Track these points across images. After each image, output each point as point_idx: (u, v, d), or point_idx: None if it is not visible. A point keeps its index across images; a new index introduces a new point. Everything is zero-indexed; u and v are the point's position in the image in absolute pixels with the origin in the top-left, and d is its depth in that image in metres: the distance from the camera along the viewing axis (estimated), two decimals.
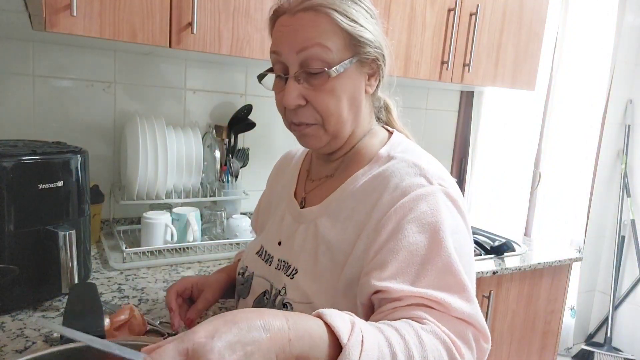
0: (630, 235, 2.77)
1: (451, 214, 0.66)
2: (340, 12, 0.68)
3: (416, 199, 0.65)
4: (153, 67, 1.51)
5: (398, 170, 0.69)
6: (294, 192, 0.84)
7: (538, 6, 1.80)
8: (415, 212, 0.64)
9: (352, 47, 0.69)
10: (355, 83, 0.72)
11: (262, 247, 0.85)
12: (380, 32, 0.73)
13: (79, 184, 1.03)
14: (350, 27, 0.68)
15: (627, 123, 2.76)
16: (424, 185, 0.67)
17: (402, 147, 0.75)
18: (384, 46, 0.73)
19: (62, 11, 1.02)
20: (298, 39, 0.68)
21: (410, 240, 0.63)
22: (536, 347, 1.72)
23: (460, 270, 0.62)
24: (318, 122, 0.72)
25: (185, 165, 1.42)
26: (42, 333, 0.88)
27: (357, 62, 0.70)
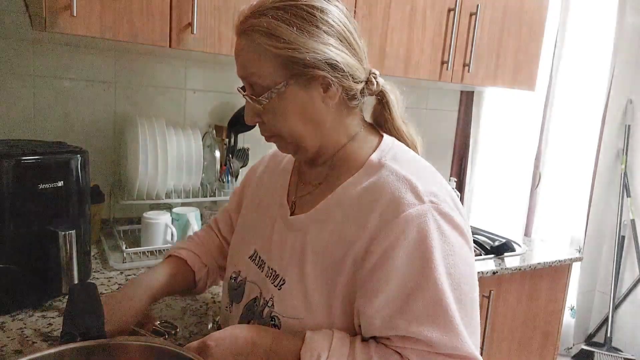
0: (630, 235, 2.77)
1: (443, 235, 0.64)
2: (266, 33, 0.65)
3: (406, 223, 0.63)
4: (153, 67, 1.51)
5: (388, 185, 0.67)
6: (287, 194, 0.82)
7: (538, 6, 1.80)
8: (406, 239, 0.63)
9: (287, 67, 0.67)
10: (302, 100, 0.69)
11: (255, 251, 0.82)
12: (331, 42, 0.67)
13: (79, 184, 1.03)
14: (277, 49, 0.65)
15: (627, 123, 2.76)
16: (414, 204, 0.64)
17: (392, 153, 0.73)
18: (336, 57, 0.67)
19: (62, 11, 1.02)
20: (239, 65, 0.71)
21: (400, 270, 0.63)
22: (536, 347, 1.72)
23: (449, 302, 0.62)
24: (277, 134, 0.73)
25: (185, 165, 1.42)
26: (42, 333, 0.88)
27: (297, 82, 0.67)
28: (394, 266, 0.63)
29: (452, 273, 0.63)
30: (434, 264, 0.62)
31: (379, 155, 0.72)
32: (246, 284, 0.81)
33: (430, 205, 0.64)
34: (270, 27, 0.65)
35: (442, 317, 0.62)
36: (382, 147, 0.74)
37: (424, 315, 0.62)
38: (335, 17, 0.69)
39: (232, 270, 0.86)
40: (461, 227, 0.67)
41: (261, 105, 0.70)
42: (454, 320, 0.62)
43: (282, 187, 0.84)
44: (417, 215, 0.63)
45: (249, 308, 0.78)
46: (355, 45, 0.71)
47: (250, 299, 0.78)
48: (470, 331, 0.64)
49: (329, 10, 0.68)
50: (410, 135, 0.80)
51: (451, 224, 0.65)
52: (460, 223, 0.67)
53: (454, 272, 0.63)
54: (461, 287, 0.64)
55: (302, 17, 0.66)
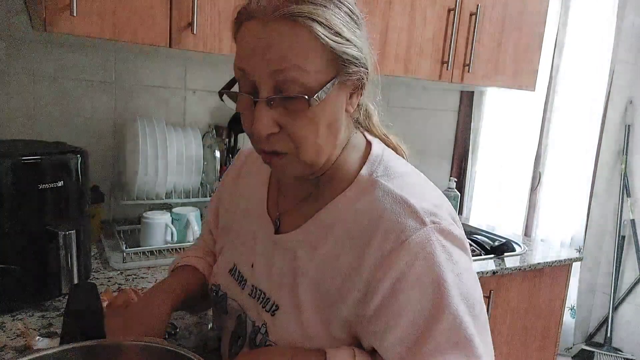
0: (630, 235, 2.77)
1: (450, 257, 0.60)
2: (324, 23, 0.56)
3: (409, 251, 0.58)
4: (153, 67, 1.51)
5: (385, 210, 0.61)
6: (266, 205, 0.76)
7: (538, 6, 1.80)
8: (414, 270, 0.58)
9: (335, 66, 0.59)
10: (336, 105, 0.62)
11: (234, 265, 0.77)
12: (365, 42, 0.63)
13: (79, 184, 1.03)
14: (334, 42, 0.57)
15: (627, 123, 2.76)
16: (417, 229, 0.59)
17: (383, 166, 0.67)
18: (369, 58, 0.63)
19: (62, 11, 1.02)
20: (272, 57, 0.56)
21: (412, 303, 0.58)
22: (536, 347, 1.72)
23: (467, 325, 0.58)
24: (291, 151, 0.61)
25: (185, 165, 1.42)
26: (42, 333, 0.88)
27: (338, 83, 0.60)
28: (405, 301, 0.58)
29: (465, 293, 0.60)
30: (447, 290, 0.58)
31: (369, 170, 0.66)
32: (227, 300, 0.77)
33: (432, 227, 0.60)
34: (325, 17, 0.56)
35: (463, 341, 0.58)
36: (371, 158, 0.68)
37: (445, 343, 0.58)
38: (360, 13, 0.63)
39: (212, 282, 0.81)
40: (462, 240, 0.63)
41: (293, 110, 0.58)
42: (474, 342, 0.59)
43: (260, 199, 0.77)
44: (421, 241, 0.59)
45: (239, 324, 0.75)
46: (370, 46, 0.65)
47: (235, 317, 0.76)
48: (486, 347, 0.62)
49: (355, 7, 0.62)
50: (394, 141, 0.76)
51: (453, 241, 0.62)
52: (460, 236, 0.64)
53: (466, 291, 0.60)
54: (475, 304, 0.61)
55: (350, 11, 0.60)
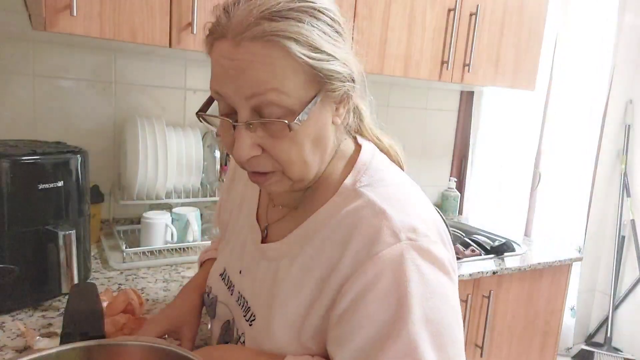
0: (630, 235, 2.77)
1: (422, 277, 0.56)
2: (300, 41, 0.53)
3: (379, 265, 0.56)
4: (153, 67, 1.51)
5: (363, 221, 0.59)
6: (256, 213, 0.75)
7: (538, 6, 1.80)
8: (380, 284, 0.56)
9: (316, 83, 0.56)
10: (321, 121, 0.59)
11: (225, 270, 0.78)
12: (348, 50, 0.60)
13: (78, 184, 1.03)
14: (312, 60, 0.54)
15: (627, 123, 2.76)
16: (390, 243, 0.56)
17: (368, 176, 0.64)
18: (354, 66, 0.60)
19: (62, 11, 1.02)
20: (247, 81, 0.54)
21: (372, 317, 0.56)
22: (536, 347, 1.72)
23: (423, 352, 0.54)
24: (277, 169, 0.60)
25: (185, 165, 1.42)
26: (42, 333, 0.88)
27: (321, 99, 0.58)
28: (366, 313, 0.56)
29: (432, 319, 0.55)
30: (410, 311, 0.54)
31: (353, 179, 0.64)
32: (218, 304, 0.78)
33: (408, 243, 0.57)
34: (302, 34, 0.53)
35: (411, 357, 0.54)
36: (357, 167, 0.65)
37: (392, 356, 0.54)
38: (342, 20, 0.60)
39: (207, 286, 0.83)
40: (442, 262, 0.59)
41: (276, 132, 0.57)
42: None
43: (251, 207, 0.77)
44: (392, 256, 0.56)
45: (225, 329, 0.75)
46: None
47: (224, 321, 0.75)
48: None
49: (336, 11, 0.59)
50: (386, 142, 0.72)
51: (431, 261, 0.58)
52: (443, 257, 0.59)
53: (434, 317, 0.56)
54: (442, 332, 0.56)
55: (330, 19, 0.57)
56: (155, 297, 1.08)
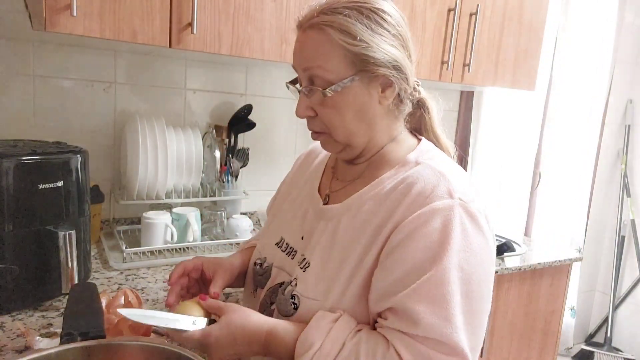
0: (630, 235, 2.77)
1: (465, 232, 0.65)
2: (342, 30, 0.68)
3: (432, 212, 0.66)
4: (153, 67, 1.51)
5: (423, 177, 0.69)
6: (318, 188, 0.85)
7: (538, 6, 1.80)
8: (428, 227, 0.65)
9: (355, 64, 0.70)
10: (362, 98, 0.72)
11: (282, 239, 0.85)
12: (395, 44, 0.72)
13: (79, 184, 1.03)
14: (350, 46, 0.69)
15: (627, 123, 2.76)
16: (444, 197, 0.67)
17: (430, 154, 0.75)
18: (400, 58, 0.72)
19: (62, 11, 1.02)
20: (303, 57, 0.73)
21: (416, 253, 0.65)
22: (536, 347, 1.72)
23: (452, 290, 0.63)
24: (325, 131, 0.75)
25: (185, 165, 1.42)
26: (42, 333, 0.88)
27: (362, 79, 0.71)
28: (410, 250, 0.65)
29: (465, 267, 0.64)
30: (448, 252, 0.63)
31: (416, 155, 0.75)
32: (272, 270, 0.83)
33: (459, 202, 0.66)
34: (344, 25, 0.69)
35: (440, 301, 0.62)
36: (420, 148, 0.77)
37: (424, 294, 0.63)
38: (398, 23, 0.73)
39: (256, 257, 0.88)
40: (485, 231, 0.68)
41: (321, 99, 0.72)
42: (452, 309, 0.62)
43: (313, 182, 0.87)
44: (444, 207, 0.66)
45: (273, 291, 0.79)
46: (411, 50, 0.75)
47: (275, 284, 0.80)
48: (470, 330, 0.64)
49: (393, 14, 0.72)
50: (445, 142, 0.82)
51: (476, 224, 0.67)
52: (485, 227, 0.68)
53: (467, 267, 0.64)
54: (471, 283, 0.65)
55: (373, 19, 0.70)
56: (156, 297, 1.08)
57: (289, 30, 1.31)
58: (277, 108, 1.75)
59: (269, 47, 1.29)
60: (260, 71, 1.68)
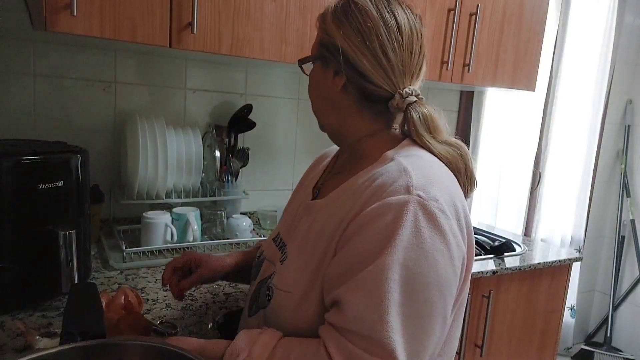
0: (630, 235, 2.77)
1: (417, 230, 0.62)
2: (323, 18, 0.78)
3: (384, 207, 0.64)
4: (153, 67, 1.51)
5: (386, 173, 0.69)
6: (315, 184, 0.89)
7: (538, 6, 1.80)
8: (378, 222, 0.64)
9: (320, 46, 0.79)
10: (320, 78, 0.80)
11: (278, 234, 0.88)
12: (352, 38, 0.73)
13: (79, 184, 1.03)
14: (320, 29, 0.79)
15: (627, 123, 2.76)
16: (400, 193, 0.64)
17: (407, 152, 0.74)
18: (351, 53, 0.73)
19: (62, 11, 1.02)
20: None
21: (362, 247, 0.64)
22: (536, 347, 1.72)
23: (390, 287, 0.60)
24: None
25: (185, 165, 1.42)
26: (42, 333, 0.88)
27: (322, 61, 0.79)
28: (359, 242, 0.65)
29: (410, 266, 0.61)
30: (392, 248, 0.61)
31: (393, 152, 0.74)
32: (264, 263, 0.86)
33: (416, 199, 0.64)
34: (325, 13, 0.78)
35: (375, 297, 0.60)
36: (400, 146, 0.76)
37: (360, 287, 0.62)
38: (375, 24, 0.73)
39: (259, 252, 0.92)
40: (443, 229, 0.64)
41: (305, 73, 0.84)
42: (386, 307, 0.60)
43: (313, 179, 0.91)
44: (397, 202, 0.64)
45: (262, 283, 0.81)
46: (381, 55, 0.73)
47: (265, 276, 0.82)
48: (409, 332, 0.61)
49: (371, 15, 0.73)
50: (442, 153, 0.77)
51: (432, 222, 0.64)
52: (444, 226, 0.64)
53: (412, 266, 0.62)
54: (415, 284, 0.62)
55: (343, 9, 0.76)
56: (155, 297, 1.08)
57: (289, 30, 1.31)
58: (277, 108, 1.75)
59: (269, 47, 1.29)
60: (260, 71, 1.68)
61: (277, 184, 1.80)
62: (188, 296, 1.10)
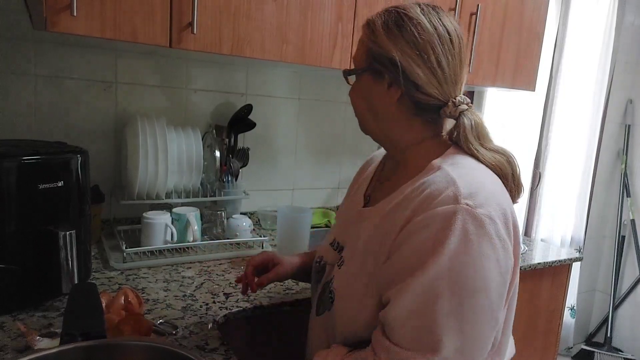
0: (630, 235, 2.77)
1: (466, 237, 0.65)
2: (370, 26, 0.80)
3: (434, 216, 0.67)
4: (153, 67, 1.51)
5: (434, 183, 0.71)
6: (364, 191, 0.92)
7: (538, 6, 1.80)
8: (428, 229, 0.67)
9: (369, 58, 0.80)
10: (369, 89, 0.81)
11: (334, 239, 0.93)
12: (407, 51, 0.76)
13: (79, 184, 1.03)
14: (369, 41, 0.79)
15: (627, 123, 2.76)
16: (449, 203, 0.67)
17: (453, 160, 0.76)
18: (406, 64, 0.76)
19: (63, 11, 1.02)
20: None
21: (411, 254, 0.68)
22: (536, 346, 1.72)
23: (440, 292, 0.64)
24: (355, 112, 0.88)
25: (186, 165, 1.42)
26: (42, 333, 0.88)
27: (371, 72, 0.80)
28: (410, 247, 0.69)
29: (458, 272, 0.65)
30: (442, 254, 0.65)
31: (440, 161, 0.77)
32: (326, 267, 0.91)
33: (465, 208, 0.66)
34: (373, 22, 0.80)
35: (425, 299, 0.65)
36: (446, 154, 0.79)
37: (409, 289, 0.66)
38: (423, 32, 0.76)
39: (317, 256, 0.97)
40: (492, 238, 0.67)
41: (349, 84, 0.86)
42: (436, 310, 0.64)
43: (362, 186, 0.95)
44: (446, 212, 0.67)
45: (326, 286, 0.87)
46: (435, 65, 0.76)
47: (328, 279, 0.87)
48: (457, 336, 0.65)
49: (422, 24, 0.76)
50: (489, 160, 0.80)
51: (482, 230, 0.66)
52: (492, 233, 0.67)
53: (460, 271, 0.65)
54: (463, 288, 0.65)
55: (395, 22, 0.77)
56: (156, 297, 1.08)
57: (290, 30, 1.31)
58: (277, 108, 1.75)
59: (269, 47, 1.29)
60: (260, 71, 1.68)
61: (277, 184, 1.80)
62: (188, 296, 1.10)
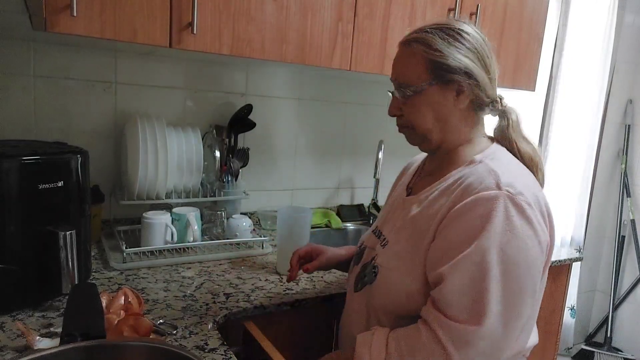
0: (630, 235, 2.77)
1: (508, 219, 0.74)
2: (423, 42, 0.84)
3: (479, 199, 0.76)
4: (153, 67, 1.51)
5: (476, 173, 0.81)
6: (408, 184, 1.01)
7: (538, 6, 1.80)
8: (474, 211, 0.76)
9: (433, 71, 0.84)
10: (437, 100, 0.86)
11: (377, 227, 1.02)
12: (469, 56, 0.85)
13: (79, 184, 1.03)
14: (429, 54, 0.84)
15: (627, 123, 2.76)
16: (491, 189, 0.76)
17: (494, 155, 0.86)
18: (472, 67, 0.84)
19: (62, 11, 1.02)
20: (395, 69, 0.90)
21: (460, 233, 0.76)
22: (536, 346, 1.72)
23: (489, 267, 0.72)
24: (410, 127, 0.91)
25: (186, 165, 1.42)
26: (42, 333, 0.88)
27: (438, 83, 0.85)
28: (458, 226, 0.77)
29: (504, 249, 0.72)
30: (488, 232, 0.73)
31: (481, 156, 0.86)
32: (365, 249, 1.01)
33: (505, 194, 0.75)
34: (426, 39, 0.85)
35: (475, 274, 0.72)
36: (487, 150, 0.88)
37: (460, 265, 0.73)
38: (476, 41, 0.87)
39: (359, 242, 1.07)
40: (533, 222, 0.75)
41: (404, 100, 0.88)
42: (485, 283, 0.71)
43: (407, 178, 1.04)
44: (489, 197, 0.75)
45: (364, 267, 0.96)
46: (488, 66, 0.88)
47: (368, 260, 0.97)
48: (504, 303, 0.72)
49: (472, 34, 0.87)
50: (523, 147, 0.90)
51: (522, 214, 0.75)
52: (532, 217, 0.75)
53: (505, 248, 0.73)
54: (509, 263, 0.72)
55: (451, 35, 0.85)
56: (156, 297, 1.08)
57: (289, 30, 1.31)
58: (277, 108, 1.75)
59: (269, 47, 1.29)
60: (260, 71, 1.68)
61: (277, 184, 1.80)
62: (188, 296, 1.10)
